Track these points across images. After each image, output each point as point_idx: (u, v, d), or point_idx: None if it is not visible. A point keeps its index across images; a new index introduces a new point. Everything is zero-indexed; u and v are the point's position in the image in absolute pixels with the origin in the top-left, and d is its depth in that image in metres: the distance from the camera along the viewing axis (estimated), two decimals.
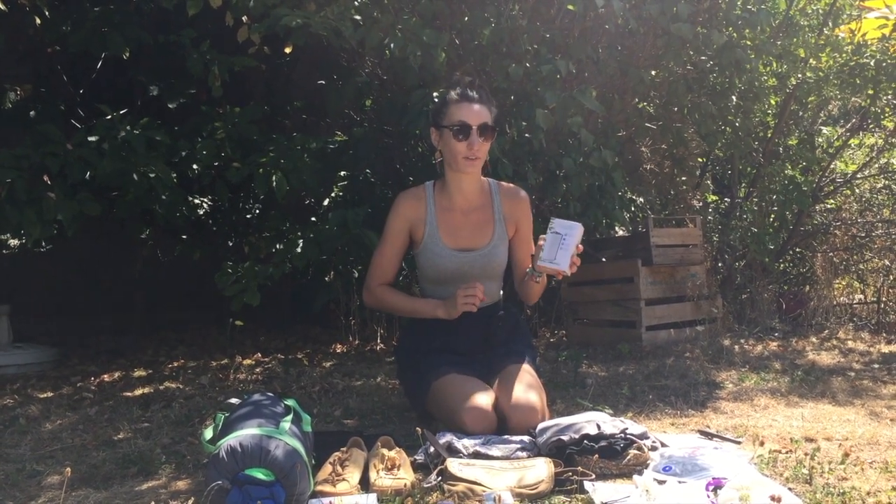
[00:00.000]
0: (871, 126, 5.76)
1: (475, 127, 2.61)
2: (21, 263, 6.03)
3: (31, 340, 4.67)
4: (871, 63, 5.09)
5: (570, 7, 3.89)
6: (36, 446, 2.67)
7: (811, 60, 5.26)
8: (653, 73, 4.35)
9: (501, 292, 2.92)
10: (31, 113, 4.53)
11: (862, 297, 5.82)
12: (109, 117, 3.80)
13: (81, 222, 3.75)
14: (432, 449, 2.19)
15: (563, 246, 2.43)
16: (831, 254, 5.71)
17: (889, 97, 5.37)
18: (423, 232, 2.75)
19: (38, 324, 5.39)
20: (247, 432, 1.86)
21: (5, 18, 4.14)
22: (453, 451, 2.19)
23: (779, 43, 4.79)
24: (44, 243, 5.62)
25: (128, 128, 3.73)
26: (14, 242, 5.99)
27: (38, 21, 4.15)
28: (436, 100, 3.55)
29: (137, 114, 4.03)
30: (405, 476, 2.00)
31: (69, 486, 2.13)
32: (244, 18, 3.80)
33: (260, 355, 4.50)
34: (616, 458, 2.10)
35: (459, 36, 4.13)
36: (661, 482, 1.90)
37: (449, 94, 2.70)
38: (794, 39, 5.07)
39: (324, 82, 4.62)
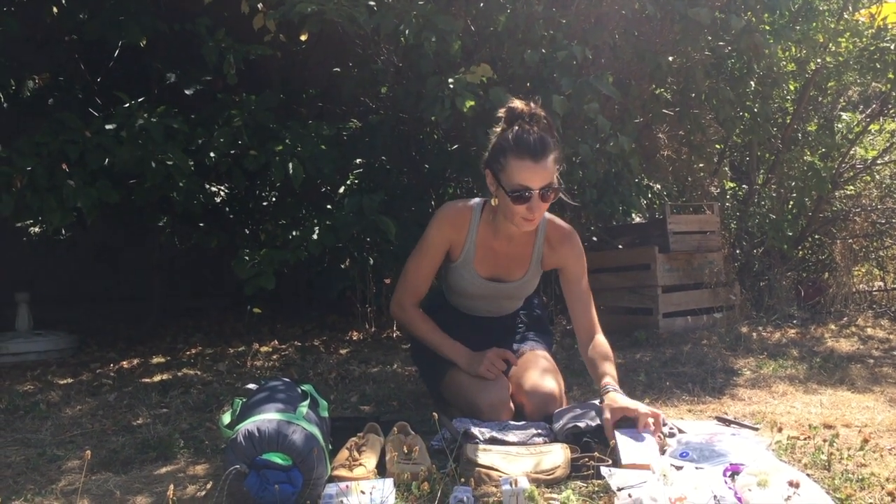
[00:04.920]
0: (891, 111, 5.70)
1: (537, 191, 2.32)
2: (41, 251, 6.07)
3: (50, 327, 4.71)
4: (892, 47, 5.04)
5: None
6: (56, 431, 2.69)
7: (830, 45, 5.21)
8: (670, 58, 4.31)
9: None
10: (50, 101, 4.55)
11: (882, 284, 5.78)
12: (127, 105, 3.82)
13: (100, 210, 3.77)
14: (449, 435, 2.19)
15: (640, 444, 2.05)
16: (851, 240, 5.66)
17: None
18: (458, 254, 2.61)
19: (58, 311, 5.43)
20: (265, 417, 1.87)
21: (23, 7, 4.17)
22: (470, 437, 2.19)
23: (798, 28, 4.75)
24: (63, 231, 5.66)
25: (145, 116, 3.75)
26: (34, 230, 6.03)
27: (55, 10, 4.16)
28: (451, 86, 3.53)
29: (154, 102, 4.05)
30: (422, 461, 2.00)
31: (89, 470, 2.15)
32: (259, 6, 3.80)
33: (277, 342, 4.53)
34: None
35: (475, 22, 4.12)
36: (678, 468, 1.89)
37: (509, 143, 2.36)
38: (814, 24, 5.01)
39: (339, 70, 4.61)
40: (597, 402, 2.31)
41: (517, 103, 2.44)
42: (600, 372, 2.37)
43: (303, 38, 4.33)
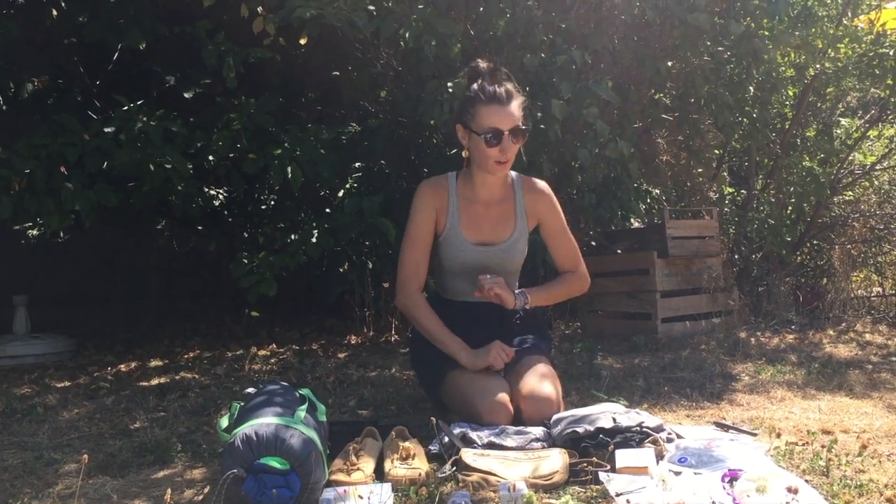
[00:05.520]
0: (890, 117, 5.70)
1: (507, 132, 2.54)
2: (39, 254, 6.07)
3: (48, 330, 4.71)
4: (891, 53, 5.04)
5: None
6: (53, 435, 2.69)
7: (830, 51, 5.21)
8: (669, 63, 4.32)
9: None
10: (49, 103, 4.55)
11: (880, 289, 5.78)
12: (126, 108, 3.82)
13: (98, 213, 3.77)
14: (447, 439, 2.19)
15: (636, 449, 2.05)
16: (849, 246, 5.66)
17: None
18: (444, 223, 2.70)
19: (56, 314, 5.43)
20: (262, 421, 1.87)
21: (23, 10, 4.17)
22: (468, 442, 2.18)
23: (797, 33, 4.75)
24: (61, 234, 5.65)
25: (144, 119, 3.75)
26: (33, 233, 6.03)
27: (54, 12, 4.16)
28: (450, 90, 3.54)
29: (153, 105, 4.05)
30: (420, 466, 2.00)
31: (86, 474, 2.14)
32: (259, 9, 3.80)
33: (275, 346, 4.51)
34: None
35: (474, 26, 4.12)
36: (676, 473, 1.89)
37: (476, 93, 2.59)
38: (813, 30, 5.02)
39: (338, 73, 4.61)
40: (593, 409, 2.30)
41: (479, 62, 2.70)
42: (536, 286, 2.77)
43: (302, 41, 4.32)
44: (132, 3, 4.19)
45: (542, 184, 2.82)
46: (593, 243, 5.03)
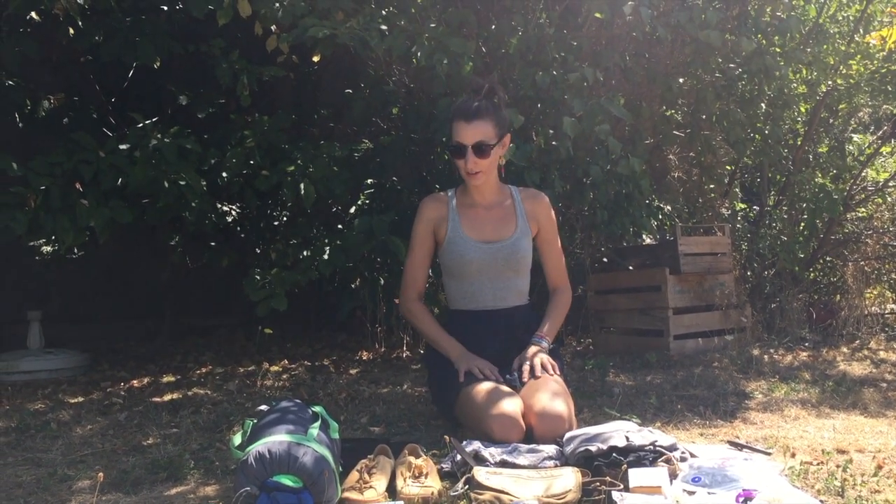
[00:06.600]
0: None
1: (470, 147, 2.71)
2: (53, 270, 6.11)
3: (62, 346, 4.73)
4: None
5: (598, 15, 3.88)
6: (67, 451, 2.70)
7: (841, 68, 5.21)
8: (681, 80, 4.33)
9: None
10: (65, 121, 4.59)
11: (894, 306, 5.73)
12: (141, 126, 3.85)
13: (112, 229, 3.79)
14: (459, 457, 2.18)
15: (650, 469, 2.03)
16: (862, 263, 5.63)
17: None
18: (445, 229, 2.84)
19: (69, 329, 5.46)
20: (275, 439, 1.87)
21: (39, 28, 4.21)
22: (480, 460, 2.18)
23: (808, 50, 4.75)
24: (75, 250, 5.68)
25: (159, 136, 3.78)
26: (47, 249, 6.07)
27: (71, 31, 4.20)
28: None
29: (167, 122, 4.08)
30: (432, 484, 2.00)
31: (100, 491, 2.15)
32: (273, 28, 3.83)
33: (287, 362, 4.53)
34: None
35: (486, 44, 4.14)
36: (690, 493, 1.88)
37: (452, 111, 2.80)
38: (825, 47, 5.02)
39: (351, 91, 4.64)
40: (606, 427, 2.30)
41: (482, 80, 2.83)
42: (542, 325, 2.83)
43: (315, 59, 4.36)
44: (147, 22, 4.23)
45: (535, 190, 3.04)
46: (605, 259, 5.03)
